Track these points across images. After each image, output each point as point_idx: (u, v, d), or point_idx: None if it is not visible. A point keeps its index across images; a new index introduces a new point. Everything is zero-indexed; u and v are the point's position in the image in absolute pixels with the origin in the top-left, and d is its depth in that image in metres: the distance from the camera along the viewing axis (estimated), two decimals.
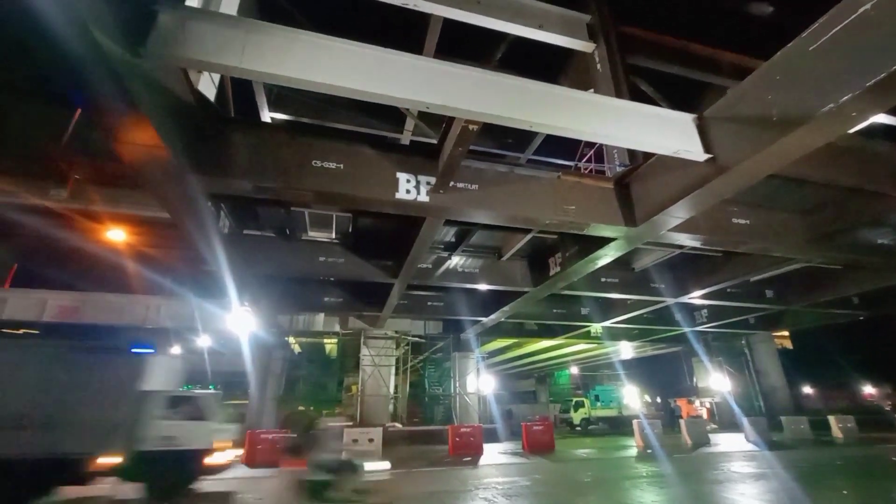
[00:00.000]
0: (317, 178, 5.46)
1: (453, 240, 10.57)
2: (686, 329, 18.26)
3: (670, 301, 13.60)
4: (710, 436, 16.26)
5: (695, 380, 27.73)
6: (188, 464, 7.50)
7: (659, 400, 31.97)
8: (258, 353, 16.84)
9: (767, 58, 4.30)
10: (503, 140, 11.00)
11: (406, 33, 7.26)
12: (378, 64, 4.00)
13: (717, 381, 23.75)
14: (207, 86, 5.90)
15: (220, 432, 8.13)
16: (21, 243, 14.09)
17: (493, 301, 14.11)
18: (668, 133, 4.86)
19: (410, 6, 6.34)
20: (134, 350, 7.82)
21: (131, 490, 7.23)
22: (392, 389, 18.51)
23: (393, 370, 18.72)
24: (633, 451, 13.86)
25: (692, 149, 4.84)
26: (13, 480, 6.65)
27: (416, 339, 19.80)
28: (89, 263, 15.41)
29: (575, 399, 27.61)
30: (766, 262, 10.52)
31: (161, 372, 8.01)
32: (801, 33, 3.90)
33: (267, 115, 9.15)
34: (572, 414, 25.92)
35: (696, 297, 13.09)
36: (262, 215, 9.14)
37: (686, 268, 12.38)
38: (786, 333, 26.28)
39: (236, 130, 5.39)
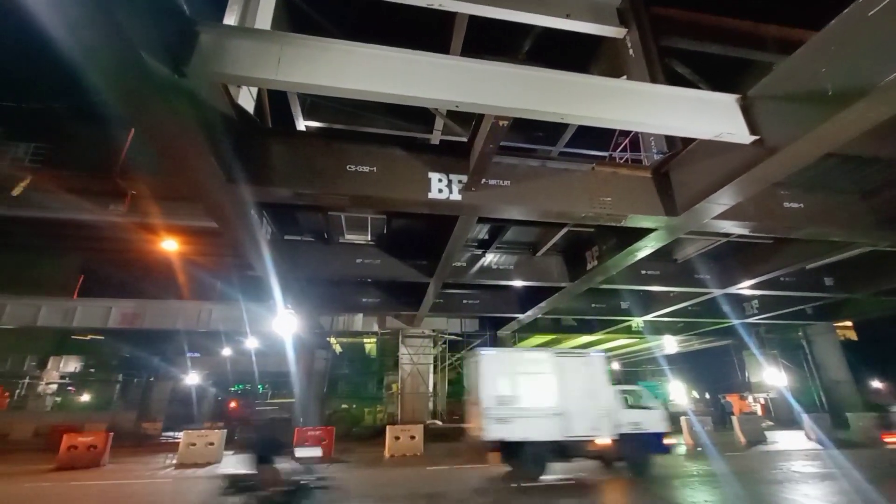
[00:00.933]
0: (352, 182, 5.60)
1: (487, 237, 10.54)
2: (735, 321, 17.29)
3: (717, 292, 12.93)
4: (766, 433, 15.36)
5: (747, 374, 26.26)
6: (653, 444, 9.26)
7: (707, 396, 30.48)
8: (302, 354, 17.48)
9: (817, 28, 4.02)
10: (533, 134, 10.85)
11: (432, 34, 7.30)
12: (406, 66, 4.06)
13: (771, 376, 22.40)
14: (246, 99, 6.17)
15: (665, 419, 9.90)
16: (87, 255, 15.32)
17: (529, 297, 13.95)
18: (710, 116, 4.63)
19: (436, 6, 6.36)
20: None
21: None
22: (431, 387, 18.72)
23: (431, 368, 18.93)
24: (682, 449, 13.33)
25: (736, 131, 4.59)
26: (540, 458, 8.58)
27: (453, 337, 19.91)
28: (146, 272, 16.55)
29: None
30: (824, 247, 9.79)
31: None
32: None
33: (302, 124, 9.46)
34: None
35: (745, 288, 12.37)
36: (302, 221, 9.48)
37: (733, 257, 11.76)
38: (849, 324, 24.34)
39: (275, 140, 5.62)
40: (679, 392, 27.63)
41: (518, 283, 11.79)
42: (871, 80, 3.46)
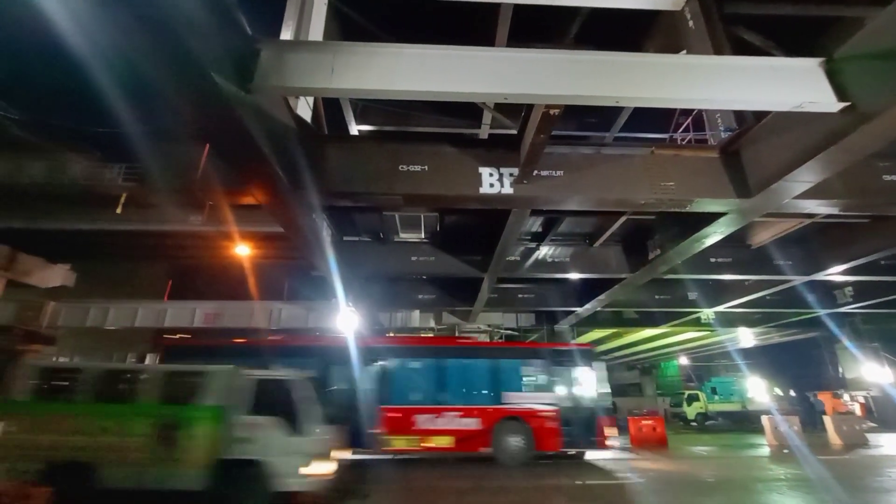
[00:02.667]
0: (405, 181, 5.74)
1: (540, 229, 10.34)
2: (823, 311, 15.55)
3: (801, 280, 11.72)
4: (868, 435, 13.72)
5: (840, 370, 23.56)
6: None
7: (793, 393, 27.70)
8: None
9: None
10: (585, 120, 10.44)
11: (477, 27, 7.26)
12: (452, 63, 4.08)
13: (872, 372, 19.89)
14: (303, 109, 6.51)
15: None
16: (173, 262, 17.00)
17: (587, 290, 13.50)
18: (788, 85, 4.20)
19: None
20: None
21: None
22: None
23: None
24: (765, 451, 12.27)
25: (821, 99, 4.13)
26: None
27: (510, 331, 19.74)
28: (223, 275, 18.06)
29: (688, 392, 25.21)
30: None
31: None
32: None
33: (355, 129, 9.83)
34: (685, 408, 23.73)
35: (835, 274, 11.09)
36: (359, 222, 9.87)
37: (819, 239, 10.60)
38: None
39: (331, 146, 5.90)
40: (759, 389, 25.34)
41: (574, 276, 11.46)
42: None
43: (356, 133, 9.91)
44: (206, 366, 5.90)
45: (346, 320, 12.66)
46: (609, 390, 12.15)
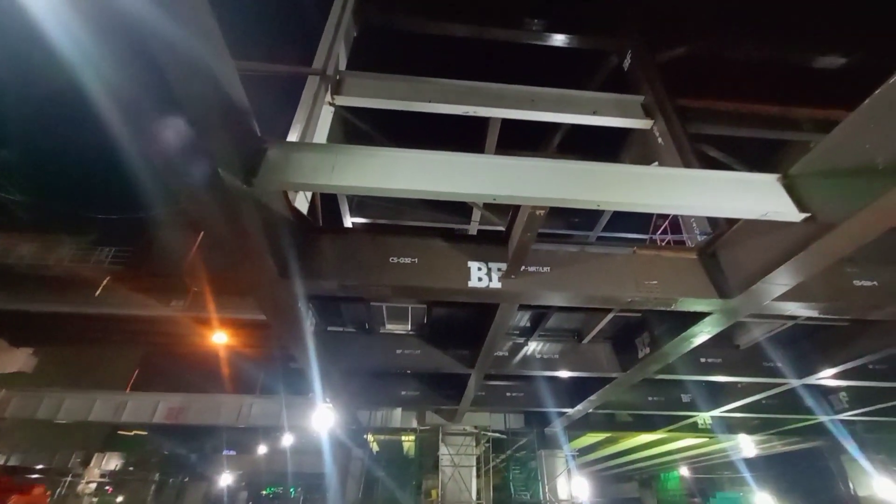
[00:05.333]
0: (394, 273, 5.79)
1: (529, 325, 10.25)
2: (822, 418, 14.97)
3: (794, 383, 11.48)
4: None
5: (851, 485, 21.93)
6: None
7: None
8: (338, 453, 16.63)
9: (850, 106, 4.06)
10: (570, 220, 11.06)
11: (469, 135, 8.01)
12: (446, 166, 4.40)
13: (885, 488, 18.57)
14: (301, 201, 6.79)
15: None
16: (146, 349, 16.14)
17: (578, 389, 12.97)
18: (752, 196, 4.57)
19: (471, 113, 7.07)
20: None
21: None
22: (474, 494, 16.87)
23: (474, 471, 17.26)
24: None
25: (784, 209, 4.47)
26: None
27: (497, 434, 18.41)
28: (195, 364, 17.06)
29: None
30: None
31: None
32: (889, 78, 3.68)
33: (349, 221, 10.20)
34: None
35: (826, 378, 10.94)
36: (345, 312, 9.70)
37: (807, 341, 10.64)
38: None
39: (324, 237, 6.03)
40: None
41: (564, 374, 11.07)
42: None
43: (350, 225, 10.25)
44: None
45: (322, 418, 11.76)
46: None
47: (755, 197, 4.59)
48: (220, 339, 11.42)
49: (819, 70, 8.83)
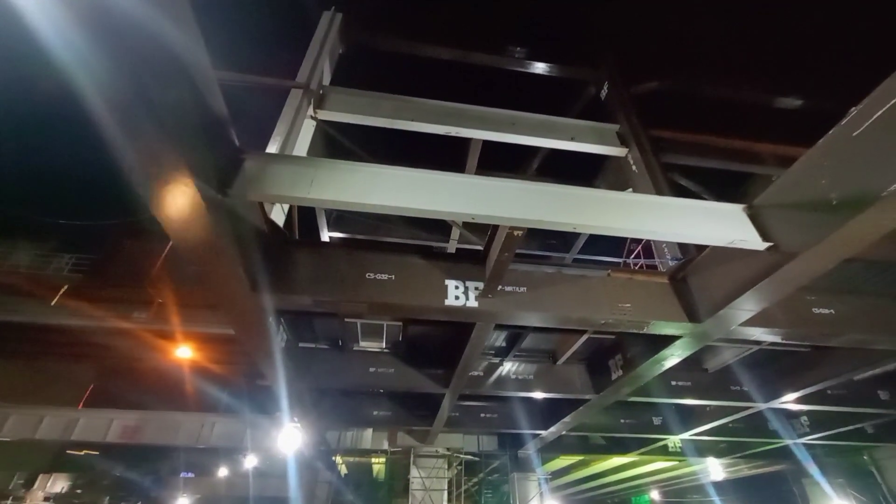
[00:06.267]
0: (371, 289, 5.71)
1: (504, 344, 10.24)
2: (787, 441, 15.42)
3: (759, 407, 11.80)
4: None
5: None
6: None
7: None
8: (304, 476, 15.94)
9: (807, 144, 4.32)
10: (547, 241, 11.24)
11: (451, 155, 8.11)
12: (426, 184, 4.43)
13: None
14: (277, 213, 6.67)
15: None
16: (101, 363, 15.24)
17: (552, 411, 12.94)
18: (720, 224, 4.78)
19: (453, 134, 7.17)
20: None
21: None
22: None
23: (445, 494, 16.83)
24: None
25: (749, 238, 4.67)
26: None
27: (470, 456, 18.09)
28: (154, 381, 16.21)
29: None
30: (871, 355, 9.14)
31: None
32: (841, 120, 3.94)
33: (326, 235, 10.06)
34: None
35: (789, 402, 11.29)
36: (318, 328, 9.47)
37: (771, 366, 11.00)
38: None
39: (300, 251, 5.92)
40: None
41: (538, 395, 11.06)
42: (872, 191, 3.59)
43: (327, 239, 10.11)
44: None
45: (289, 439, 11.30)
46: None
47: (722, 225, 4.80)
48: (184, 353, 10.90)
49: (779, 109, 9.44)
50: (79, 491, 25.48)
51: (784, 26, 7.94)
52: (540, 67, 9.45)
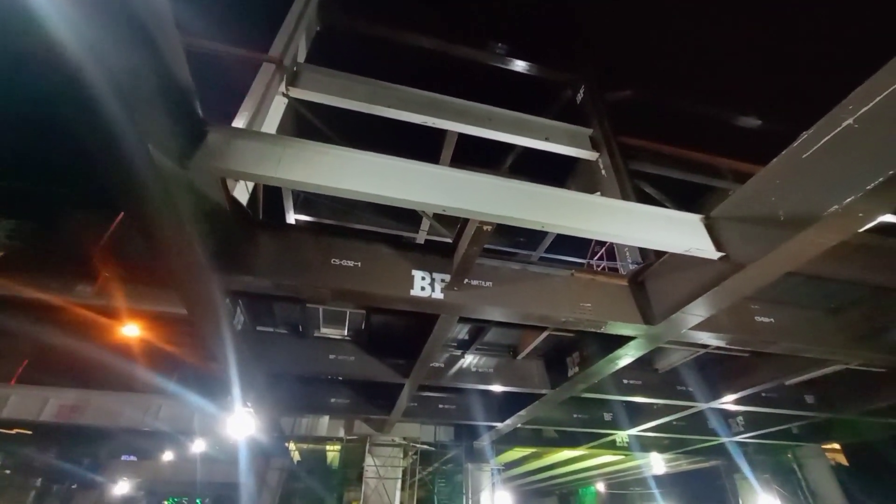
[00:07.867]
0: (335, 275, 5.60)
1: (467, 337, 10.34)
2: (724, 439, 16.53)
3: (701, 406, 12.56)
4: None
5: (739, 501, 24.29)
6: None
7: None
8: (255, 462, 15.59)
9: (764, 162, 4.58)
10: (515, 239, 11.39)
11: (425, 146, 8.03)
12: (399, 172, 4.36)
13: None
14: (241, 192, 6.40)
15: None
16: (38, 338, 14.19)
17: (509, 404, 13.24)
18: (678, 232, 5.00)
19: (429, 124, 7.10)
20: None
21: None
22: None
23: (399, 483, 16.94)
24: None
25: (703, 247, 4.92)
26: None
27: (426, 446, 18.26)
28: (97, 359, 15.27)
29: None
30: (801, 363, 9.90)
31: None
32: (793, 142, 4.20)
33: (292, 218, 9.76)
34: None
35: (728, 403, 12.09)
36: (278, 312, 9.21)
37: (714, 369, 11.70)
38: (837, 447, 23.48)
39: (263, 232, 5.71)
40: None
41: (497, 388, 11.28)
42: (816, 210, 3.86)
43: (293, 222, 9.81)
44: None
45: (241, 424, 10.99)
46: None
47: (680, 233, 5.02)
48: (131, 332, 10.32)
49: (740, 128, 9.95)
50: (8, 472, 23.82)
51: (749, 52, 8.35)
52: (520, 66, 9.50)
